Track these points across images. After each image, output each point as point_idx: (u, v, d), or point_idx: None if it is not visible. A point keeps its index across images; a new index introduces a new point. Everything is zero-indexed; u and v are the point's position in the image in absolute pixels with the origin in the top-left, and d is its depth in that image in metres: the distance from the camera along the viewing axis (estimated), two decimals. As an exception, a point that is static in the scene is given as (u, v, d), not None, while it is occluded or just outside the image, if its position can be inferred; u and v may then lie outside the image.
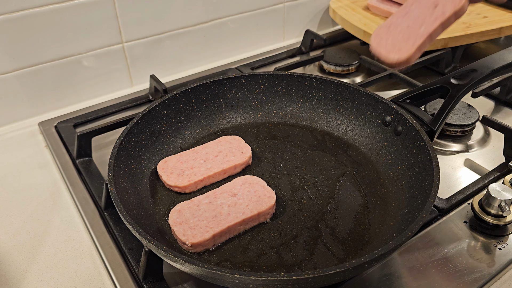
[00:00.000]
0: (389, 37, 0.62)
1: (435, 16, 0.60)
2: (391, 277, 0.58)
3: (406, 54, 0.59)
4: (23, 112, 0.93)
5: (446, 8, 0.59)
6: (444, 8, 0.59)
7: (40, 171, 0.80)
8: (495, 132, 0.83)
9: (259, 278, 0.45)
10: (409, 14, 0.63)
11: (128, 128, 0.68)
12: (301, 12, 1.21)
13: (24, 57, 0.88)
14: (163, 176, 0.69)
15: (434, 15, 0.60)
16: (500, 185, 0.64)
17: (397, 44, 0.61)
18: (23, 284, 0.60)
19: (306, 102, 0.82)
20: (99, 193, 0.72)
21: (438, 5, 0.60)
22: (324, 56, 1.08)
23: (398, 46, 0.61)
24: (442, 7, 0.60)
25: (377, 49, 0.62)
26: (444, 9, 0.59)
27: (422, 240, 0.63)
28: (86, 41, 0.93)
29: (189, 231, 0.59)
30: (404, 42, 0.60)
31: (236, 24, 1.11)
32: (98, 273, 0.61)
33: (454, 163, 0.78)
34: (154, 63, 1.04)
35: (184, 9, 1.01)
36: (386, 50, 0.61)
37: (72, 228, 0.68)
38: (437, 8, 0.60)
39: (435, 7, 0.60)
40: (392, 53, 0.60)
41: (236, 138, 0.76)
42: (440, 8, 0.60)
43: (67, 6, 0.87)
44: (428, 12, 0.61)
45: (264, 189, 0.65)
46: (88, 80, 0.97)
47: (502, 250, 0.61)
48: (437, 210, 0.67)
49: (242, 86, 0.81)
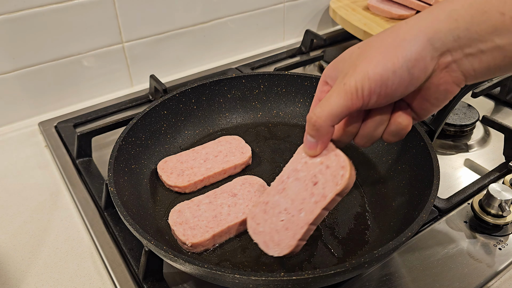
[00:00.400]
0: (266, 223, 0.53)
1: (315, 198, 0.49)
2: (391, 277, 0.58)
3: (287, 250, 0.50)
4: (23, 112, 0.93)
5: (326, 189, 0.49)
6: (325, 190, 0.49)
7: (40, 171, 0.80)
8: (495, 132, 0.83)
9: (259, 278, 0.45)
10: (286, 191, 0.53)
11: (128, 128, 0.68)
12: (301, 12, 1.21)
13: (24, 57, 0.88)
14: (163, 176, 0.69)
15: (314, 198, 0.49)
16: (500, 185, 0.64)
17: (275, 236, 0.51)
18: (23, 284, 0.60)
19: (306, 102, 0.82)
20: (99, 193, 0.72)
21: (318, 182, 0.50)
22: (324, 56, 1.07)
23: (276, 238, 0.51)
24: (322, 188, 0.49)
25: (254, 238, 0.54)
26: (325, 190, 0.49)
27: (422, 240, 0.63)
28: (86, 41, 0.93)
29: (189, 231, 0.59)
30: (283, 232, 0.51)
31: (236, 24, 1.11)
32: (98, 273, 0.61)
33: (454, 163, 0.78)
34: (154, 63, 1.04)
35: (184, 9, 1.01)
36: (264, 242, 0.52)
37: (72, 228, 0.68)
38: (317, 186, 0.50)
39: (314, 184, 0.50)
40: (271, 247, 0.51)
41: (236, 138, 0.76)
42: (319, 187, 0.49)
43: (67, 6, 0.87)
44: (307, 192, 0.50)
45: (264, 189, 0.65)
46: (88, 80, 0.97)
47: (502, 250, 0.61)
48: (437, 210, 0.67)
49: (242, 86, 0.81)
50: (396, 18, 1.10)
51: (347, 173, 0.48)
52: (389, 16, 1.10)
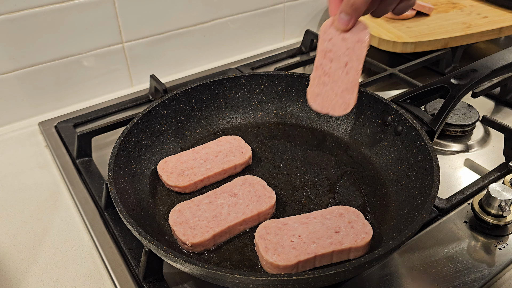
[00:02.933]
0: (275, 236, 0.57)
1: (331, 241, 0.56)
2: (391, 277, 0.58)
3: (283, 262, 0.54)
4: (23, 112, 0.93)
5: (344, 239, 0.56)
6: (343, 239, 0.56)
7: (40, 171, 0.80)
8: (495, 132, 0.83)
9: (259, 278, 0.45)
10: (308, 225, 0.58)
11: (128, 128, 0.68)
12: (301, 12, 1.21)
13: (24, 57, 0.88)
14: (163, 176, 0.69)
15: (331, 240, 0.56)
16: (500, 185, 0.64)
17: (279, 248, 0.56)
18: (23, 284, 0.60)
19: (306, 102, 0.81)
20: (99, 193, 0.72)
21: (340, 232, 0.57)
22: (324, 56, 1.07)
23: (280, 250, 0.55)
24: (342, 238, 0.56)
25: (258, 241, 0.57)
26: (343, 240, 0.56)
27: (422, 240, 0.63)
28: (86, 41, 0.93)
29: (189, 231, 0.58)
30: (287, 249, 0.55)
31: (236, 24, 1.11)
32: (98, 273, 0.61)
33: (454, 163, 0.78)
34: (154, 63, 1.04)
35: (184, 9, 1.01)
36: (265, 247, 0.56)
37: (72, 228, 0.68)
38: (338, 234, 0.57)
39: (335, 232, 0.57)
40: (271, 255, 0.55)
41: (236, 138, 0.76)
42: (340, 236, 0.56)
43: (67, 6, 0.87)
44: (327, 234, 0.57)
45: (264, 189, 0.65)
46: (88, 80, 0.97)
47: (502, 250, 0.61)
48: (437, 210, 0.67)
49: (242, 86, 0.81)
50: (396, 18, 1.10)
51: (369, 238, 0.56)
52: (389, 16, 1.10)
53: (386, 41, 1.00)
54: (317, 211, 0.61)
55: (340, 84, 0.63)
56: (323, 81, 0.65)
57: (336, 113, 0.65)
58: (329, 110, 0.65)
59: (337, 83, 0.64)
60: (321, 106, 0.66)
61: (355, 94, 0.62)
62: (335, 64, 0.63)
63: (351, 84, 0.63)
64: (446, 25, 1.06)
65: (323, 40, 0.63)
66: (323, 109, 0.66)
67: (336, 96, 0.64)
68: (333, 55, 0.63)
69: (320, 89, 0.65)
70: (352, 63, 0.62)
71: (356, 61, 0.62)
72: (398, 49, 1.00)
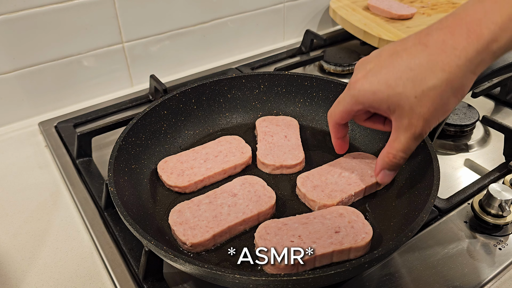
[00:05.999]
0: (275, 237, 0.57)
1: (332, 241, 0.56)
2: (391, 277, 0.58)
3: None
4: (23, 112, 0.93)
5: (344, 239, 0.56)
6: (343, 239, 0.56)
7: (40, 171, 0.80)
8: (495, 132, 0.83)
9: (259, 278, 0.45)
10: (307, 225, 0.58)
11: (128, 128, 0.68)
12: (301, 12, 1.21)
13: (24, 57, 0.88)
14: (163, 176, 0.69)
15: (332, 240, 0.56)
16: (500, 185, 0.64)
17: (279, 249, 0.55)
18: (23, 284, 0.60)
19: (306, 102, 0.82)
20: (99, 193, 0.72)
21: (340, 232, 0.57)
22: (324, 56, 1.08)
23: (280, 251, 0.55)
24: (342, 238, 0.56)
25: (257, 241, 0.57)
26: (343, 240, 0.56)
27: (422, 240, 0.63)
28: (86, 41, 0.93)
29: (189, 231, 0.58)
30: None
31: (236, 24, 1.11)
32: (98, 273, 0.61)
33: (454, 163, 0.78)
34: (154, 63, 1.04)
35: (184, 9, 1.01)
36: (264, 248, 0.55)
37: (72, 228, 0.68)
38: (338, 234, 0.56)
39: (335, 232, 0.57)
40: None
41: (236, 138, 0.76)
42: (340, 236, 0.56)
43: (67, 6, 0.87)
44: (327, 234, 0.56)
45: (264, 189, 0.65)
46: (88, 80, 0.97)
47: (502, 250, 0.61)
48: (437, 210, 0.67)
49: (242, 86, 0.81)
50: (396, 18, 1.10)
51: (369, 238, 0.56)
52: (389, 16, 1.10)
53: (386, 41, 1.00)
54: (317, 211, 0.61)
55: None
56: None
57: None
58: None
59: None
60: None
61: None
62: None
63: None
64: (446, 25, 1.06)
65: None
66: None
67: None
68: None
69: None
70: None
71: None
72: (398, 49, 1.00)
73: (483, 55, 0.48)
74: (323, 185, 0.65)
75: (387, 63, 0.52)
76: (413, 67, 0.50)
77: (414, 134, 0.53)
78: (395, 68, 0.51)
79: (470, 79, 0.50)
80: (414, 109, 0.51)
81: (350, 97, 0.56)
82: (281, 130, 0.76)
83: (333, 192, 0.64)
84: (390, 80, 0.51)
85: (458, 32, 0.48)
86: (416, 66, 0.50)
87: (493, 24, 0.47)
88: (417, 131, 0.53)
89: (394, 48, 0.53)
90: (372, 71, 0.53)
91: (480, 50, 0.48)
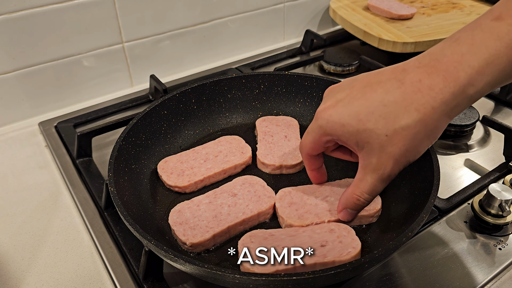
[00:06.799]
0: (259, 245, 0.54)
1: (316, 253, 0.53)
2: (391, 277, 0.58)
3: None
4: (23, 112, 0.93)
5: (330, 253, 0.53)
6: (328, 253, 0.53)
7: (40, 171, 0.80)
8: (495, 132, 0.83)
9: (259, 278, 0.45)
10: (295, 238, 0.56)
11: (128, 128, 0.68)
12: (301, 12, 1.21)
13: (24, 57, 0.88)
14: (163, 176, 0.69)
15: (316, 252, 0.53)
16: (500, 185, 0.64)
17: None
18: (23, 284, 0.60)
19: (306, 102, 0.82)
20: (99, 193, 0.72)
21: (326, 246, 0.54)
22: (324, 56, 1.08)
23: None
24: (327, 251, 0.53)
25: (240, 248, 0.55)
26: (328, 253, 0.53)
27: (422, 240, 0.63)
28: (86, 41, 0.93)
29: (189, 231, 0.58)
30: None
31: (236, 24, 1.11)
32: (98, 273, 0.61)
33: (454, 163, 0.78)
34: (154, 63, 1.04)
35: (184, 9, 1.01)
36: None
37: (72, 228, 0.68)
38: (324, 247, 0.54)
39: (321, 246, 0.54)
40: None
41: (236, 138, 0.76)
42: (325, 249, 0.54)
43: (67, 6, 0.87)
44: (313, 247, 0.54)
45: (264, 189, 0.65)
46: (88, 80, 0.97)
47: (502, 250, 0.61)
48: (437, 210, 0.67)
49: (242, 86, 0.81)
50: (396, 18, 1.10)
51: (355, 252, 0.54)
52: (389, 16, 1.10)
53: (386, 41, 1.00)
54: (309, 226, 0.59)
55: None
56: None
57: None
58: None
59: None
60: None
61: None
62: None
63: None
64: (446, 25, 1.06)
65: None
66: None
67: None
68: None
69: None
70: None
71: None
72: (398, 49, 1.00)
73: (459, 99, 0.46)
74: (300, 204, 0.62)
75: (360, 95, 0.50)
76: (386, 103, 0.48)
77: (382, 175, 0.51)
78: (367, 102, 0.49)
79: (444, 122, 0.48)
80: (384, 148, 0.49)
81: (318, 128, 0.53)
82: (281, 130, 0.76)
83: (306, 214, 0.60)
84: (361, 114, 0.49)
85: (435, 73, 0.46)
86: (390, 103, 0.48)
87: (469, 68, 0.45)
88: (385, 172, 0.51)
89: (368, 80, 0.51)
90: (342, 102, 0.51)
91: (456, 93, 0.46)
